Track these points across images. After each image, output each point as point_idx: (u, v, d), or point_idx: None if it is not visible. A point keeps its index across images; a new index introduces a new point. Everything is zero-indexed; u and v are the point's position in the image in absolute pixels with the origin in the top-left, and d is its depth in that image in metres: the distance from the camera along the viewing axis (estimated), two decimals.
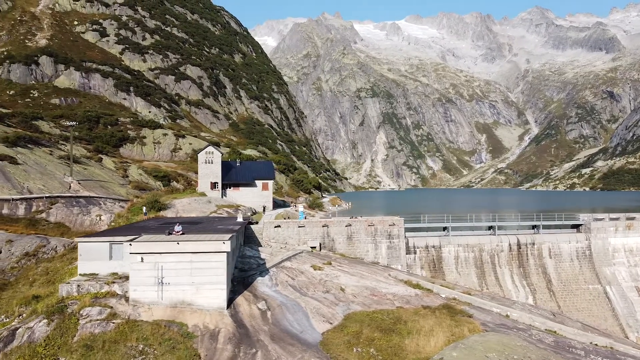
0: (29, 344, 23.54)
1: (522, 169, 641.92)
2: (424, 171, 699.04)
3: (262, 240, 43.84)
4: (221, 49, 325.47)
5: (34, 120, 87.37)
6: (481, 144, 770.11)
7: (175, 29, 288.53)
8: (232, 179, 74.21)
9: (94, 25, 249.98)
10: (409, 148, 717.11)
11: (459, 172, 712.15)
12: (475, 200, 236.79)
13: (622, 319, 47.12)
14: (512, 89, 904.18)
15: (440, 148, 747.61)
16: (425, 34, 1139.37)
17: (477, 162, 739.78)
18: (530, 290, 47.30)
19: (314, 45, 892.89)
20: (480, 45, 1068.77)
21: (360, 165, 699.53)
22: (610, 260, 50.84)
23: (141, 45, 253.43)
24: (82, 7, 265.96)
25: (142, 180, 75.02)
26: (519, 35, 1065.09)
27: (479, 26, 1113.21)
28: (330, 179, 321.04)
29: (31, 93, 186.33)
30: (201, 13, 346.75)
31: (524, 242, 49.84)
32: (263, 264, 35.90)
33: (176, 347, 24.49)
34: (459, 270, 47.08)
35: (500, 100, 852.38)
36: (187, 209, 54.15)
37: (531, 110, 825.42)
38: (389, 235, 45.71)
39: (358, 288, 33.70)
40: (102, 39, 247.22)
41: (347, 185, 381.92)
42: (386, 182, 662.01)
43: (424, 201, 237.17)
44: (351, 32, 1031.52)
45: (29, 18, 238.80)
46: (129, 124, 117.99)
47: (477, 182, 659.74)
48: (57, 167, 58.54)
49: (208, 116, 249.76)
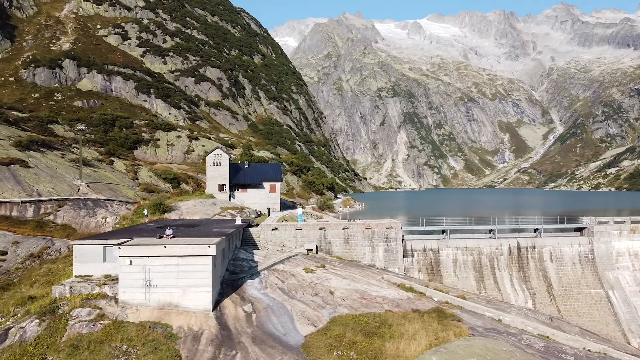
0: (20, 343, 24.63)
1: (546, 169, 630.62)
2: (445, 171, 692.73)
3: (260, 243, 44.49)
4: (241, 50, 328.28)
5: (49, 124, 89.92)
6: (504, 144, 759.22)
7: (195, 31, 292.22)
8: (240, 181, 75.19)
9: (116, 29, 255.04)
10: (430, 148, 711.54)
11: (481, 172, 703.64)
12: (497, 201, 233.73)
13: (625, 324, 46.25)
14: (536, 87, 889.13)
15: (462, 147, 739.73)
16: (447, 32, 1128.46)
17: (500, 161, 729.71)
18: (529, 294, 46.84)
19: (334, 45, 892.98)
20: (503, 43, 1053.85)
21: (381, 165, 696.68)
22: (614, 265, 49.98)
23: (162, 48, 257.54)
24: (105, 11, 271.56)
25: (151, 183, 76.59)
26: (544, 33, 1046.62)
27: (502, 24, 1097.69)
28: (349, 179, 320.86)
29: (55, 96, 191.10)
30: (221, 15, 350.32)
31: (524, 246, 49.32)
32: (255, 267, 36.49)
33: (159, 347, 25.27)
34: (457, 273, 46.93)
35: (524, 99, 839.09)
36: (191, 211, 55.24)
37: (556, 109, 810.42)
38: (386, 238, 45.85)
39: (348, 291, 34.04)
40: (123, 42, 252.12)
41: (367, 185, 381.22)
42: (407, 182, 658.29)
43: (443, 202, 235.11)
44: (372, 32, 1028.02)
45: (53, 22, 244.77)
46: (143, 126, 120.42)
47: (499, 182, 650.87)
48: (67, 170, 60.34)
49: (227, 117, 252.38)
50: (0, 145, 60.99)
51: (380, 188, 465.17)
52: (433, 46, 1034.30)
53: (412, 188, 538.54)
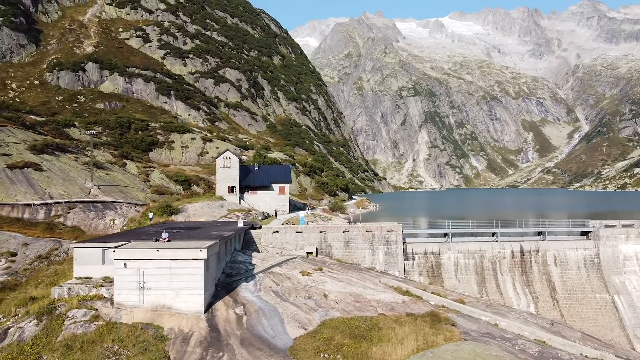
0: (18, 343, 25.69)
1: (571, 169, 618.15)
2: (467, 171, 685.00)
3: (260, 246, 45.07)
4: (260, 51, 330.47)
5: (65, 127, 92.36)
6: (528, 143, 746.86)
7: (215, 33, 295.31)
8: (250, 183, 76.12)
9: (137, 32, 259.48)
10: (451, 147, 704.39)
11: (504, 171, 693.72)
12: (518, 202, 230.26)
13: (630, 330, 45.37)
14: (561, 85, 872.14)
15: (485, 147, 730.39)
16: (470, 30, 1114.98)
17: (524, 161, 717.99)
18: (532, 298, 46.33)
19: (355, 44, 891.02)
20: (527, 41, 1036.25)
21: (402, 165, 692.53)
22: (621, 269, 49.04)
23: (182, 50, 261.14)
24: (127, 14, 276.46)
25: (162, 185, 78.00)
26: (569, 30, 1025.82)
27: (526, 21, 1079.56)
28: (368, 180, 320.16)
29: (78, 98, 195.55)
30: (241, 17, 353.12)
31: (528, 249, 48.74)
32: (252, 270, 37.07)
33: (148, 348, 26.04)
34: (458, 276, 46.73)
35: (548, 97, 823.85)
36: (198, 214, 56.24)
37: (581, 107, 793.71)
38: (386, 241, 45.96)
39: (342, 294, 34.33)
40: (145, 44, 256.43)
41: (386, 185, 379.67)
42: (428, 182, 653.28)
43: (461, 202, 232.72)
44: (393, 31, 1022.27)
45: (77, 26, 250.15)
46: (158, 129, 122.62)
47: (522, 182, 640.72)
48: (79, 173, 62.07)
49: (246, 118, 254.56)
50: (16, 149, 63.24)
51: (400, 188, 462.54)
52: (455, 44, 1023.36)
53: (432, 188, 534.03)
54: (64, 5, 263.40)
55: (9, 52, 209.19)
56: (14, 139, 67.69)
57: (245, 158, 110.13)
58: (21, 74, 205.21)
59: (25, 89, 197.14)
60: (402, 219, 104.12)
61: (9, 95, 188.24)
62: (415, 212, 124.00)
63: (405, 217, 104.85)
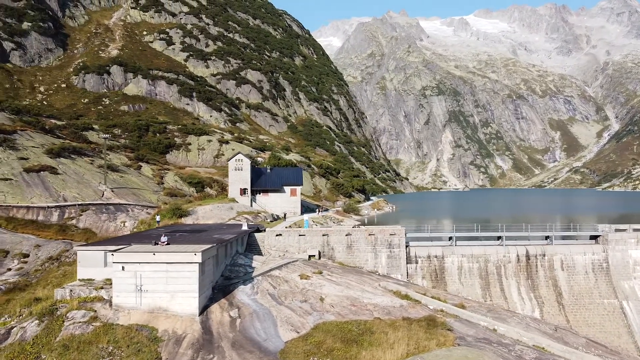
0: (20, 342, 26.83)
1: (600, 168, 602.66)
2: (492, 170, 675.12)
3: (264, 249, 45.64)
4: (281, 52, 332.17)
5: (84, 130, 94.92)
6: (555, 142, 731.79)
7: (237, 35, 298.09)
8: (262, 185, 76.97)
9: (161, 35, 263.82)
10: (476, 147, 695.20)
11: (530, 171, 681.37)
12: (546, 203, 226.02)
13: (638, 336, 44.18)
14: (589, 83, 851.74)
15: (510, 146, 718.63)
16: (496, 28, 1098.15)
17: (551, 160, 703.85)
18: (537, 303, 45.64)
19: (378, 44, 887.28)
20: (555, 38, 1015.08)
21: (426, 164, 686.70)
22: (630, 274, 47.85)
23: (204, 52, 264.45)
24: (151, 17, 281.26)
25: (176, 187, 79.44)
26: (598, 26, 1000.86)
27: (553, 18, 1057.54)
28: (390, 180, 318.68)
29: (103, 101, 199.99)
30: (263, 18, 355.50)
31: (534, 254, 47.96)
32: (251, 273, 37.63)
33: (141, 350, 26.83)
34: (462, 280, 46.38)
35: (576, 95, 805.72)
36: (207, 216, 57.20)
37: (611, 105, 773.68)
38: (389, 244, 45.95)
39: (339, 298, 34.58)
40: (168, 47, 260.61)
41: (408, 185, 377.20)
42: (452, 182, 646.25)
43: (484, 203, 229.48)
44: (417, 30, 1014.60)
45: (103, 30, 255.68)
46: (176, 131, 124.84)
47: (549, 182, 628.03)
48: (94, 176, 63.86)
49: (267, 119, 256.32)
50: (34, 153, 65.56)
51: (422, 188, 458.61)
52: (480, 43, 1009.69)
53: (455, 188, 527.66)
54: (90, 10, 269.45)
55: (37, 57, 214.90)
56: (33, 143, 70.26)
57: (261, 160, 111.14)
58: (49, 78, 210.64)
59: (53, 92, 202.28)
60: (417, 221, 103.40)
61: (37, 99, 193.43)
62: (432, 213, 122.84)
63: (421, 218, 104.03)
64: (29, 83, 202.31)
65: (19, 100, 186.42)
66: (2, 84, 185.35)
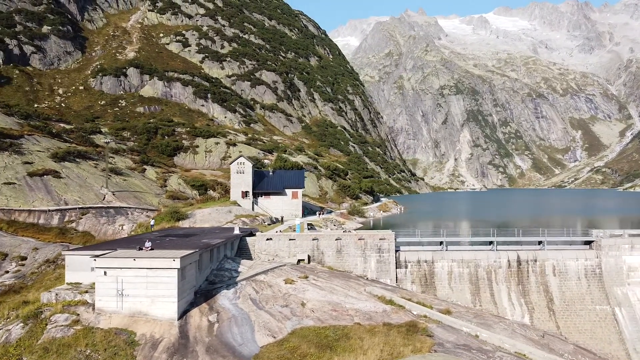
0: (4, 344, 27.92)
1: (622, 168, 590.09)
2: (511, 170, 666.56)
3: (254, 253, 46.19)
4: (297, 52, 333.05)
5: (92, 134, 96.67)
6: (576, 141, 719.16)
7: (252, 36, 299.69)
8: (264, 188, 77.73)
9: (177, 37, 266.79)
10: (495, 146, 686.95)
11: (550, 171, 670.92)
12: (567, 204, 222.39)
13: (629, 344, 43.52)
14: (612, 81, 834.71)
15: (530, 146, 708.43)
16: (516, 26, 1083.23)
17: (571, 160, 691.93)
18: (527, 309, 45.19)
19: (395, 43, 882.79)
20: (576, 36, 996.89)
21: (443, 164, 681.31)
22: (624, 280, 47.01)
23: (220, 54, 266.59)
24: (168, 20, 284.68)
25: (179, 190, 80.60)
26: (622, 23, 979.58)
27: (575, 15, 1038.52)
28: (405, 180, 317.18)
29: (119, 103, 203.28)
30: (279, 19, 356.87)
31: (525, 259, 47.43)
32: (236, 277, 38.17)
33: (118, 353, 27.66)
34: (451, 285, 46.21)
35: (598, 94, 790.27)
36: (205, 219, 58.08)
37: (635, 104, 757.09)
38: (379, 249, 46.08)
39: (321, 303, 34.93)
40: (184, 49, 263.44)
41: (424, 186, 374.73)
42: (470, 182, 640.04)
43: (500, 204, 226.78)
44: (435, 28, 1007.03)
45: (120, 33, 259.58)
46: (184, 133, 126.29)
47: (570, 182, 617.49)
48: (96, 180, 65.31)
49: (281, 120, 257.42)
50: (38, 157, 67.41)
51: (439, 188, 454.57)
52: (500, 41, 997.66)
53: (472, 188, 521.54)
54: (108, 13, 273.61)
55: (56, 60, 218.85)
56: (39, 147, 72.20)
57: (268, 162, 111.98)
58: (67, 80, 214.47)
59: (71, 95, 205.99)
60: (424, 223, 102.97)
61: (56, 101, 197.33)
62: (440, 214, 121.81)
63: (428, 220, 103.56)
64: (48, 85, 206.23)
65: (37, 103, 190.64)
66: (22, 87, 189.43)
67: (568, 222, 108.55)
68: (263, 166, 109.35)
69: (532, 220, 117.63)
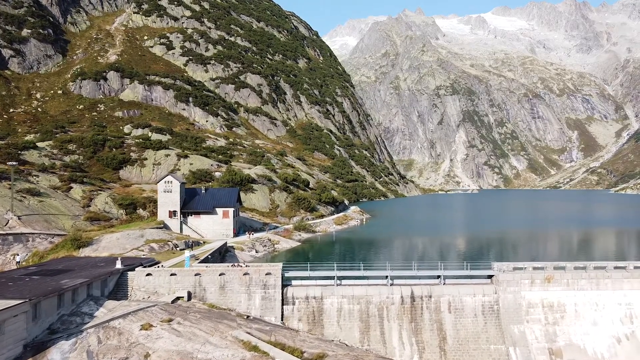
0: None
1: (618, 169, 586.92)
2: (507, 171, 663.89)
3: (131, 290, 43.99)
4: (285, 55, 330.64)
5: (25, 149, 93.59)
6: (572, 142, 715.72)
7: (239, 38, 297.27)
8: (194, 207, 75.91)
9: (161, 39, 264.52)
10: (490, 147, 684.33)
11: (546, 171, 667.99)
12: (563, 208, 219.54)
13: None
14: (609, 81, 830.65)
15: (526, 146, 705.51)
16: (514, 25, 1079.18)
17: (567, 160, 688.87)
18: (417, 349, 43.03)
19: (392, 43, 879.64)
20: (574, 35, 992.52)
21: (439, 165, 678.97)
22: (522, 318, 44.72)
23: (204, 56, 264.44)
24: (153, 22, 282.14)
25: (103, 210, 78.36)
26: (620, 23, 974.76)
27: (573, 15, 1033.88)
28: (393, 183, 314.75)
29: (98, 107, 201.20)
30: (267, 20, 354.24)
31: (419, 294, 44.96)
32: (86, 323, 36.19)
33: None
34: (340, 323, 44.13)
35: (595, 94, 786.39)
36: (109, 246, 56.10)
37: (631, 104, 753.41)
38: (264, 285, 44.03)
39: (168, 354, 32.99)
40: (168, 52, 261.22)
41: (413, 188, 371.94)
42: (466, 182, 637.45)
43: (488, 209, 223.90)
44: (432, 28, 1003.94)
45: (103, 35, 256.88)
46: (133, 145, 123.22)
47: (565, 182, 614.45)
48: (3, 203, 62.96)
49: (265, 123, 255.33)
50: None
51: (429, 190, 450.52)
52: (497, 41, 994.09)
53: (464, 190, 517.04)
54: (92, 16, 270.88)
55: (36, 63, 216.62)
56: None
57: (219, 174, 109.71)
58: (46, 84, 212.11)
59: (49, 99, 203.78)
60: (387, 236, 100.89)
61: (32, 106, 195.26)
62: (406, 226, 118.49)
63: (388, 234, 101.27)
64: (27, 90, 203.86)
65: (14, 108, 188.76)
66: None
67: (520, 238, 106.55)
68: (212, 179, 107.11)
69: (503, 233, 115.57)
